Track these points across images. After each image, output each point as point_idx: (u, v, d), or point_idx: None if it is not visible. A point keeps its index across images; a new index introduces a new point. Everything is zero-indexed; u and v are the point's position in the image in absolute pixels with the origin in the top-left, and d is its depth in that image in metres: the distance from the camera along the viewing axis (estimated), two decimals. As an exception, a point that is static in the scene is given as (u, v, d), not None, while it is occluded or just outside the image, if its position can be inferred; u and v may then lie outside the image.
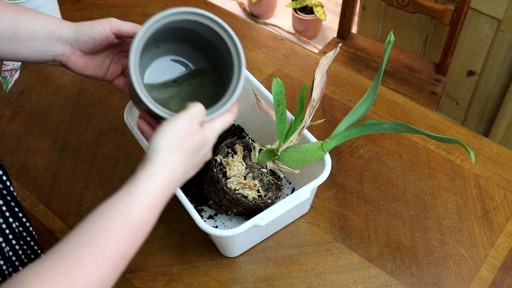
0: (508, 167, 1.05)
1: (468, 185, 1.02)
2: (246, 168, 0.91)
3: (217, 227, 0.96)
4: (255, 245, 0.95)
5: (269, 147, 0.91)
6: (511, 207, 0.99)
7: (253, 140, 1.08)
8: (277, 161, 0.91)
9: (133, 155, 1.10)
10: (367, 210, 0.99)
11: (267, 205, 0.89)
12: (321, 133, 1.11)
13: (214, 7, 1.41)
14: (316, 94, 0.87)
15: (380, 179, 1.04)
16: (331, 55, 0.87)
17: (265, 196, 0.90)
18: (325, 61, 0.87)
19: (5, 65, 1.27)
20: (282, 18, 2.79)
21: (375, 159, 1.07)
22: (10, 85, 1.24)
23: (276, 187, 0.93)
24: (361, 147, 1.09)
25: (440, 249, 0.94)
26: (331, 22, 2.71)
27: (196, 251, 0.95)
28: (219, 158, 0.90)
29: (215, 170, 0.89)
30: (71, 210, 1.02)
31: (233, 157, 0.91)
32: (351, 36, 1.95)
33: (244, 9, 2.84)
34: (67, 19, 1.37)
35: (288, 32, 2.71)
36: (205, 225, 0.82)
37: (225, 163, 0.90)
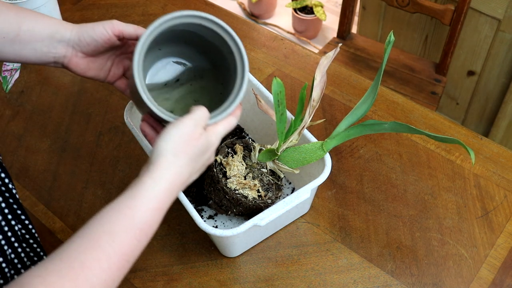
0: (508, 167, 1.05)
1: (468, 185, 1.02)
2: (246, 168, 0.91)
3: (217, 227, 0.96)
4: (255, 245, 0.95)
5: (269, 147, 0.91)
6: (511, 207, 0.99)
7: (253, 140, 1.08)
8: (277, 161, 0.91)
9: (133, 155, 1.10)
10: (367, 210, 0.99)
11: (267, 205, 0.89)
12: (321, 133, 1.11)
13: (214, 7, 1.41)
14: (316, 94, 0.87)
15: (380, 179, 1.04)
16: (331, 55, 0.87)
17: (265, 196, 0.90)
18: (325, 61, 0.87)
19: (5, 65, 1.27)
20: (282, 18, 2.79)
21: (375, 159, 1.07)
22: (10, 85, 1.24)
23: (276, 187, 0.93)
24: (361, 147, 1.09)
25: (440, 249, 0.94)
26: (331, 22, 2.71)
27: (196, 251, 0.95)
28: (219, 158, 0.90)
29: (215, 170, 0.89)
30: (71, 210, 1.02)
31: (233, 157, 0.91)
32: (351, 36, 1.95)
33: (244, 9, 2.85)
34: (67, 19, 1.38)
35: (288, 32, 2.71)
36: (205, 225, 0.82)
37: (225, 163, 0.90)
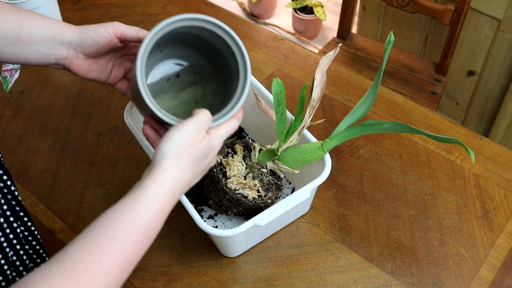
0: (508, 167, 1.05)
1: (468, 185, 1.02)
2: (246, 168, 0.91)
3: (217, 227, 0.96)
4: (255, 245, 0.95)
5: (269, 147, 0.91)
6: (511, 207, 0.99)
7: (253, 140, 1.08)
8: (277, 161, 0.91)
9: (133, 155, 1.10)
10: (367, 210, 0.99)
11: (267, 205, 0.89)
12: (321, 133, 1.11)
13: (214, 7, 1.41)
14: (316, 94, 0.87)
15: (380, 179, 1.04)
16: (331, 55, 0.87)
17: (265, 196, 0.90)
18: (325, 61, 0.87)
19: (5, 65, 1.27)
20: (282, 18, 2.79)
21: (375, 159, 1.07)
22: (10, 85, 1.24)
23: (276, 187, 0.93)
24: (361, 147, 1.09)
25: (440, 249, 0.94)
26: (331, 22, 2.71)
27: (196, 251, 0.95)
28: (219, 158, 0.90)
29: (215, 170, 0.89)
30: (71, 210, 1.02)
31: (233, 157, 0.91)
32: (351, 36, 1.95)
33: (244, 9, 2.84)
34: (67, 19, 1.38)
35: (288, 32, 2.71)
36: (205, 225, 0.82)
37: (225, 163, 0.90)
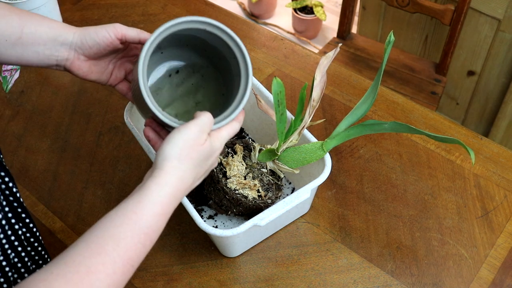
0: (508, 167, 1.05)
1: (468, 185, 1.02)
2: (246, 168, 0.91)
3: (217, 227, 0.96)
4: (255, 245, 0.95)
5: (269, 147, 0.91)
6: (511, 207, 0.99)
7: (253, 140, 1.08)
8: (277, 161, 0.91)
9: (133, 155, 1.10)
10: (367, 210, 0.99)
11: (267, 205, 0.89)
12: (321, 133, 1.11)
13: (214, 7, 1.41)
14: (316, 94, 0.87)
15: (380, 179, 1.04)
16: (331, 55, 0.87)
17: (265, 196, 0.90)
18: (325, 61, 0.87)
19: (5, 65, 1.27)
20: (282, 18, 2.79)
21: (375, 159, 1.07)
22: (10, 85, 1.24)
23: (276, 187, 0.93)
24: (361, 147, 1.09)
25: (440, 249, 0.94)
26: (331, 22, 2.71)
27: (196, 251, 0.95)
28: (219, 158, 0.90)
29: (215, 170, 0.89)
30: (71, 210, 1.02)
31: (233, 157, 0.91)
32: (351, 36, 1.95)
33: (244, 9, 2.85)
34: (67, 19, 1.38)
35: (288, 32, 2.71)
36: (205, 225, 0.82)
37: (225, 163, 0.90)
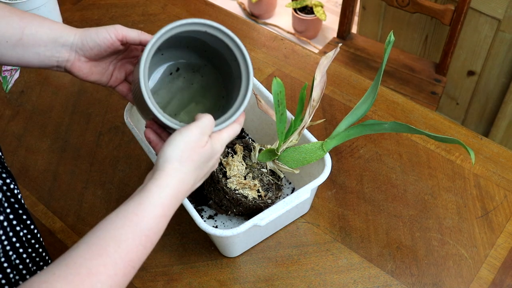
0: (508, 167, 1.05)
1: (468, 185, 1.02)
2: (246, 168, 0.91)
3: (217, 227, 0.96)
4: (255, 245, 0.95)
5: (269, 147, 0.91)
6: (511, 207, 0.99)
7: (253, 140, 1.08)
8: (277, 161, 0.91)
9: (133, 155, 1.10)
10: (367, 210, 0.99)
11: (267, 205, 0.89)
12: (321, 133, 1.11)
13: (214, 7, 1.41)
14: (316, 94, 0.87)
15: (380, 179, 1.04)
16: (331, 55, 0.87)
17: (265, 196, 0.90)
18: (325, 61, 0.87)
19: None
20: (282, 18, 2.79)
21: (375, 159, 1.07)
22: (10, 85, 1.24)
23: (276, 187, 0.93)
24: (361, 147, 1.09)
25: (440, 249, 0.94)
26: (331, 22, 2.71)
27: (196, 251, 0.95)
28: (219, 158, 0.90)
29: (215, 170, 0.89)
30: (71, 210, 1.02)
31: (233, 157, 0.91)
32: (351, 36, 1.95)
33: (244, 9, 2.85)
34: (67, 19, 1.38)
35: (288, 32, 2.72)
36: (205, 225, 0.82)
37: (225, 163, 0.90)
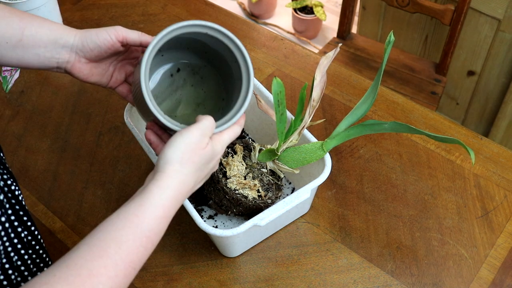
0: (508, 167, 1.05)
1: (468, 185, 1.02)
2: (246, 168, 0.91)
3: (217, 227, 0.96)
4: (255, 245, 0.95)
5: (269, 147, 0.91)
6: (511, 207, 0.99)
7: (253, 140, 1.08)
8: (277, 161, 0.91)
9: (133, 155, 1.10)
10: (367, 210, 0.99)
11: (267, 205, 0.89)
12: (321, 133, 1.11)
13: (214, 7, 1.41)
14: (316, 94, 0.87)
15: (380, 179, 1.04)
16: (331, 55, 0.87)
17: (265, 196, 0.90)
18: (325, 61, 0.87)
19: (5, 65, 1.27)
20: (282, 18, 2.79)
21: (375, 159, 1.07)
22: (10, 85, 1.24)
23: (276, 187, 0.93)
24: (361, 147, 1.09)
25: (440, 249, 0.94)
26: (331, 22, 2.71)
27: (196, 251, 0.95)
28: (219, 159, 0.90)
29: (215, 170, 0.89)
30: (71, 210, 1.02)
31: (233, 157, 0.91)
32: (351, 36, 1.95)
33: (244, 9, 2.85)
34: (67, 19, 1.38)
35: (288, 32, 2.72)
36: (205, 225, 0.82)
37: (225, 163, 0.90)
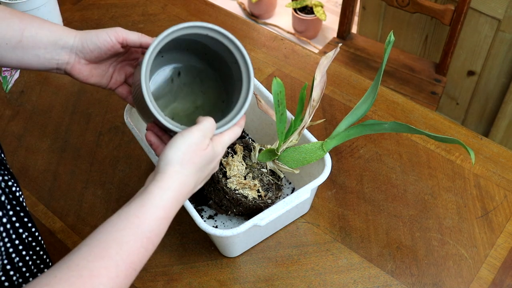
0: (508, 167, 1.05)
1: (468, 185, 1.02)
2: (246, 168, 0.91)
3: (217, 227, 0.96)
4: (255, 245, 0.95)
5: (269, 147, 0.91)
6: (511, 207, 0.99)
7: (253, 140, 1.08)
8: (277, 161, 0.91)
9: (133, 155, 1.10)
10: (367, 210, 0.99)
11: (267, 205, 0.89)
12: (321, 133, 1.11)
13: (214, 7, 1.41)
14: (316, 94, 0.87)
15: (380, 179, 1.04)
16: (331, 55, 0.87)
17: (265, 196, 0.90)
18: (325, 61, 0.87)
19: (5, 65, 1.27)
20: (282, 18, 2.79)
21: (375, 159, 1.07)
22: (10, 85, 1.24)
23: (276, 187, 0.93)
24: (361, 147, 1.09)
25: (440, 249, 0.94)
26: (331, 22, 2.71)
27: (196, 251, 0.95)
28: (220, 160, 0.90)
29: (215, 170, 0.89)
30: (71, 210, 1.02)
31: (233, 157, 0.91)
32: (351, 36, 1.95)
33: (244, 9, 2.85)
34: (67, 19, 1.38)
35: (288, 32, 2.72)
36: (205, 225, 0.82)
37: (225, 163, 0.90)
